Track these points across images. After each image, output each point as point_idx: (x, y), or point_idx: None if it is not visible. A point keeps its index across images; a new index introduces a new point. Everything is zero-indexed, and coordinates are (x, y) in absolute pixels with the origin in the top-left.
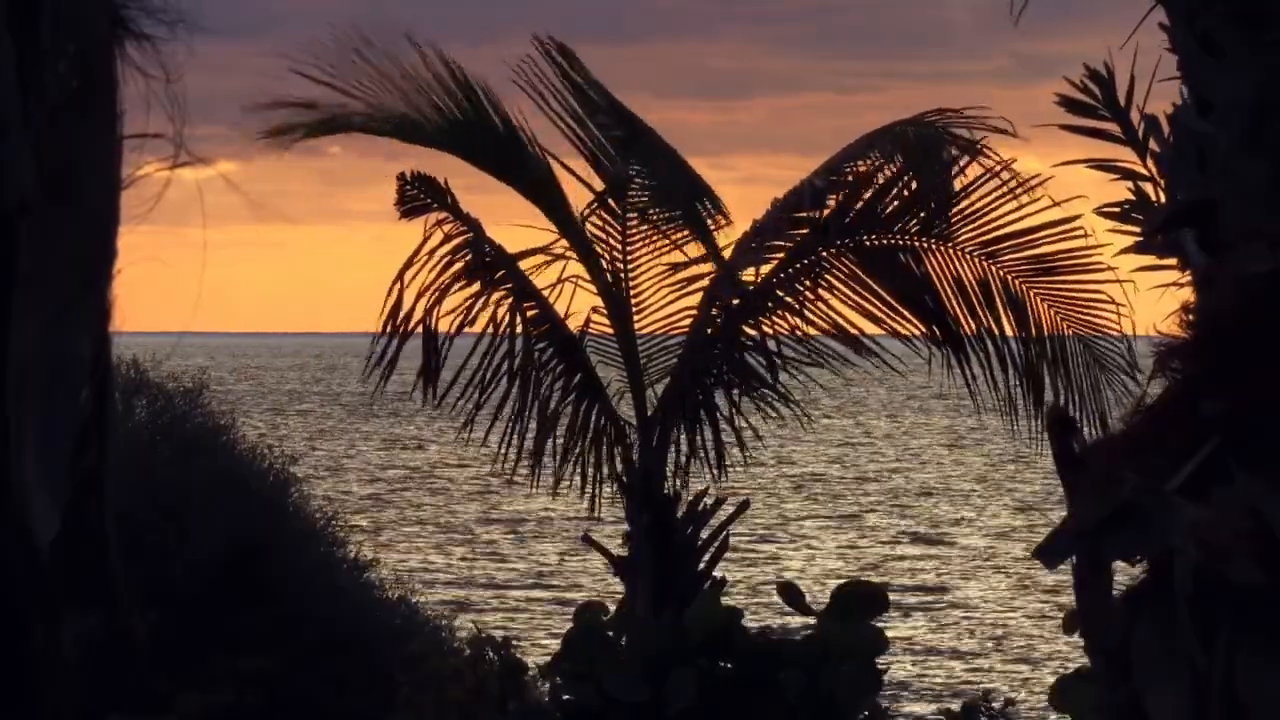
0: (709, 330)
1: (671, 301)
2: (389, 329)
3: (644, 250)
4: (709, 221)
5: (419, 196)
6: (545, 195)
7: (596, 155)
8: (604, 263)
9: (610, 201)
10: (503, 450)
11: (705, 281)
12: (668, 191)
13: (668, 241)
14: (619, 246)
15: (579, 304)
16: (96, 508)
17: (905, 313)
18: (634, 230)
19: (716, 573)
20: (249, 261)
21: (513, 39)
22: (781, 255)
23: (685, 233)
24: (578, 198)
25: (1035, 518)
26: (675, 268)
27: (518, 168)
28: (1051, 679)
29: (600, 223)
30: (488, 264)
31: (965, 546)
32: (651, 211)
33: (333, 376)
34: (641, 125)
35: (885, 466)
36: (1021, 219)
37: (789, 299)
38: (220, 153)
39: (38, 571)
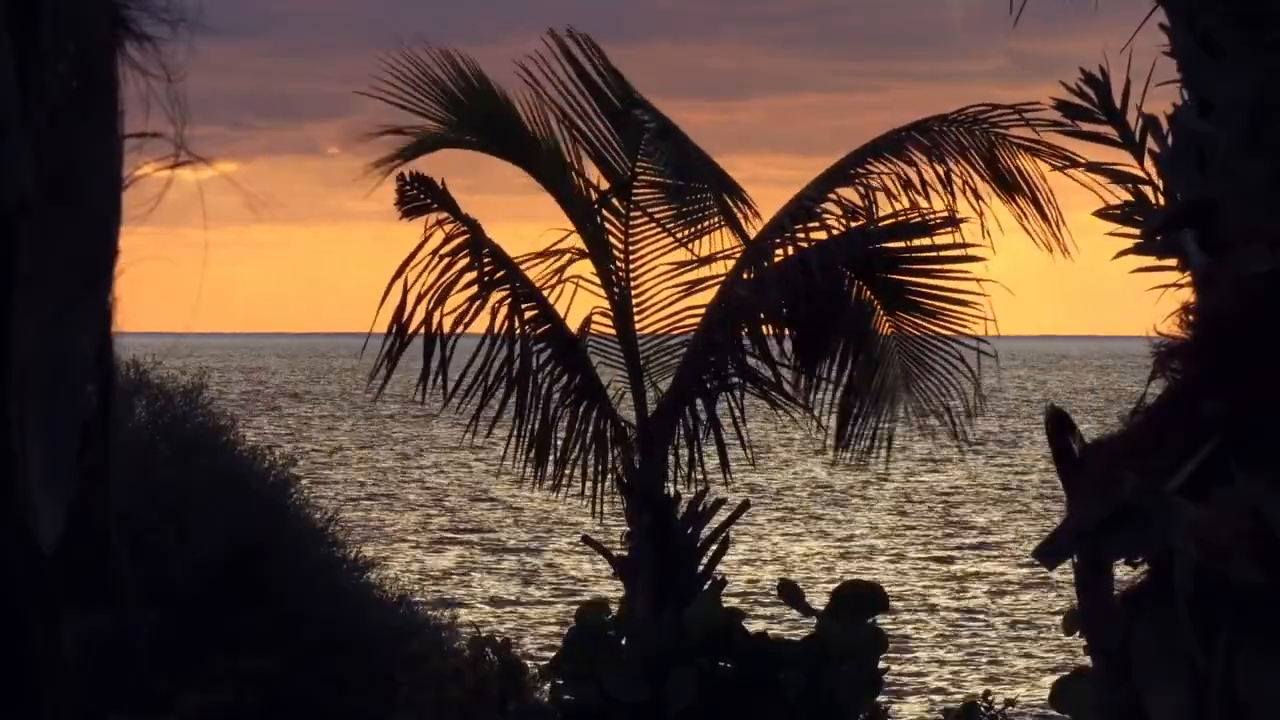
0: (719, 324)
1: (674, 301)
2: (393, 329)
3: (647, 250)
4: (741, 218)
5: (419, 197)
6: (563, 188)
7: (601, 152)
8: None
9: (614, 201)
10: (505, 450)
11: (713, 281)
12: (691, 185)
13: (673, 240)
14: (621, 245)
15: (579, 306)
16: (98, 508)
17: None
18: (637, 229)
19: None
20: (249, 261)
21: (513, 38)
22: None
23: (691, 231)
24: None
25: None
26: (684, 266)
27: (536, 162)
28: (1051, 679)
29: (600, 220)
30: (486, 264)
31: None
32: (657, 209)
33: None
34: (667, 119)
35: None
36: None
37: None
38: (219, 152)
39: (38, 571)
